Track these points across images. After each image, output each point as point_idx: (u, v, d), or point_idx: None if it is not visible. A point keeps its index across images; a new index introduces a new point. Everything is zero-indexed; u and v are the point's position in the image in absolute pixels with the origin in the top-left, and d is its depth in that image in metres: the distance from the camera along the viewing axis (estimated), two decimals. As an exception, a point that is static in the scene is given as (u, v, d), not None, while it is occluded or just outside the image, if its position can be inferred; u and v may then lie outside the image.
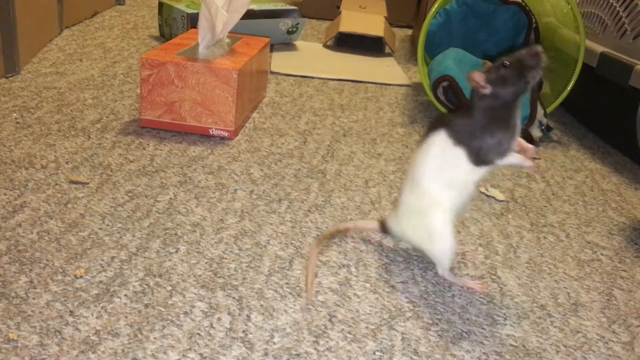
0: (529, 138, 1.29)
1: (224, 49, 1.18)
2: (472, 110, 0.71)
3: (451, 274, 0.76)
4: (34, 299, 0.63)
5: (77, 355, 0.57)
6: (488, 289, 0.75)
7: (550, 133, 1.33)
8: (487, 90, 0.69)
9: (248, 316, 0.65)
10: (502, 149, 0.70)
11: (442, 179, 0.72)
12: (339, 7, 2.16)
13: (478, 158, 0.71)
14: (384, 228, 0.80)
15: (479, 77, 0.70)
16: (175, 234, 0.79)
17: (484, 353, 0.64)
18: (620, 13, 1.32)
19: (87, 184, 0.88)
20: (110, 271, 0.69)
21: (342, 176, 1.02)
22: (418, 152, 0.75)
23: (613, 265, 0.86)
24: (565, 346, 0.67)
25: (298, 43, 1.92)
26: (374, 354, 0.62)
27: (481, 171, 0.72)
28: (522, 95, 0.70)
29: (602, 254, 0.88)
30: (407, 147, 1.19)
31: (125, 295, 0.66)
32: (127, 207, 0.84)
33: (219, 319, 0.64)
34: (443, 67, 1.36)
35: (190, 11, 1.65)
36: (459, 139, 0.71)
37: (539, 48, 0.68)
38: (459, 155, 0.71)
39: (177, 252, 0.75)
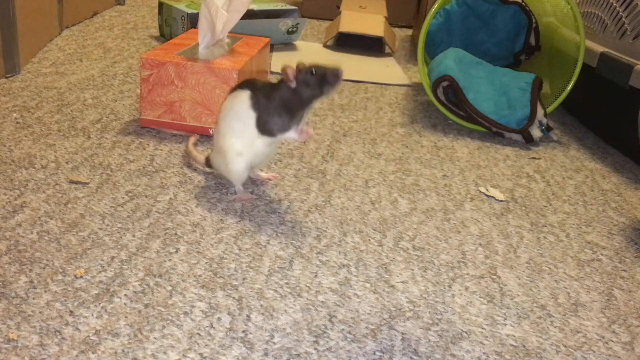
0: (529, 138, 1.29)
1: (224, 49, 1.18)
2: (276, 91, 0.84)
3: (240, 188, 0.90)
4: (34, 299, 0.63)
5: (77, 355, 0.57)
6: (254, 197, 0.90)
7: (550, 133, 1.33)
8: (292, 84, 0.82)
9: (248, 316, 0.65)
10: (283, 128, 0.85)
11: (235, 128, 0.86)
12: (339, 7, 2.16)
13: (263, 128, 0.85)
14: (208, 163, 0.94)
15: (290, 72, 0.82)
16: (175, 234, 0.79)
17: (484, 353, 0.64)
18: (620, 13, 1.32)
19: (87, 184, 0.88)
20: (110, 271, 0.69)
21: (342, 176, 1.02)
22: (227, 100, 0.88)
23: (613, 265, 0.86)
24: (565, 346, 0.67)
25: (298, 43, 1.92)
26: (374, 354, 0.62)
27: (265, 139, 0.86)
28: (315, 99, 0.83)
29: (602, 254, 0.88)
30: (407, 147, 1.19)
31: (125, 295, 0.66)
32: (127, 207, 0.84)
33: (219, 319, 0.64)
34: (443, 67, 1.36)
35: (190, 11, 1.65)
36: (256, 106, 0.85)
37: (341, 72, 0.82)
38: (250, 117, 0.85)
39: (177, 252, 0.75)
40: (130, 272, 0.70)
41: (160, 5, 1.77)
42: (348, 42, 1.95)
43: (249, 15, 1.59)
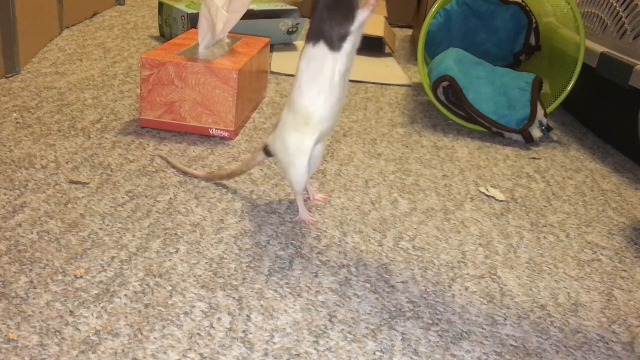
0: (529, 138, 1.29)
1: (224, 49, 1.18)
2: (317, 1, 0.77)
3: (302, 201, 0.86)
4: (34, 299, 0.63)
5: (77, 355, 0.57)
6: (316, 221, 0.86)
7: (550, 133, 1.33)
8: None
9: (248, 316, 0.65)
10: (349, 17, 0.76)
11: (312, 87, 0.79)
12: (339, 7, 2.16)
13: (335, 38, 0.77)
14: (267, 152, 0.87)
15: None
16: (175, 234, 0.79)
17: (484, 353, 0.64)
18: (620, 13, 1.32)
19: (87, 184, 0.88)
20: (110, 271, 0.69)
21: (342, 176, 1.02)
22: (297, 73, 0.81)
23: (613, 265, 0.86)
24: (565, 346, 0.67)
25: (298, 43, 1.92)
26: (374, 354, 0.62)
27: (343, 54, 0.77)
28: None
29: (602, 254, 0.88)
30: (407, 147, 1.19)
31: (125, 295, 0.66)
32: (127, 207, 0.84)
33: (219, 319, 0.64)
34: (443, 67, 1.36)
35: (190, 11, 1.65)
36: (316, 37, 0.77)
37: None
38: (321, 52, 0.77)
39: (177, 252, 0.75)
40: (130, 272, 0.70)
41: (160, 5, 1.77)
42: (348, 42, 1.95)
43: (249, 15, 1.59)
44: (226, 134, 1.10)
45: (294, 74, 0.82)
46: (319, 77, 0.79)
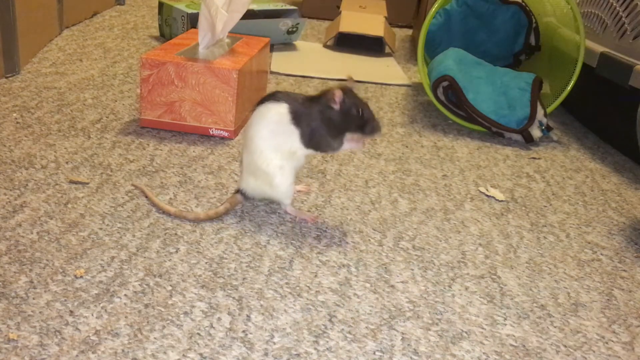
0: (529, 138, 1.29)
1: (224, 49, 1.18)
2: (318, 105, 0.80)
3: (292, 207, 0.87)
4: (34, 299, 0.63)
5: (77, 355, 0.57)
6: (319, 219, 0.86)
7: (550, 133, 1.33)
8: (336, 107, 0.79)
9: (248, 316, 0.65)
10: (333, 147, 0.82)
11: (273, 143, 0.81)
12: (339, 7, 2.16)
13: (309, 143, 0.81)
14: (243, 194, 0.86)
15: (339, 96, 0.78)
16: (175, 234, 0.79)
17: (484, 353, 0.64)
18: (620, 13, 1.32)
19: (87, 184, 0.88)
20: (110, 271, 0.69)
21: (342, 176, 1.02)
22: (256, 114, 0.83)
23: (613, 265, 0.86)
24: (565, 346, 0.67)
25: (298, 43, 1.92)
26: (374, 354, 0.62)
27: (308, 151, 0.83)
28: (351, 132, 0.81)
29: (602, 254, 0.88)
30: (407, 147, 1.19)
31: (125, 295, 0.66)
32: (127, 207, 0.84)
33: (219, 319, 0.64)
34: (443, 67, 1.36)
35: (190, 11, 1.65)
36: (297, 120, 0.80)
37: (380, 131, 0.82)
38: (292, 132, 0.81)
39: (177, 252, 0.75)
40: (130, 272, 0.70)
41: (160, 5, 1.77)
42: (348, 42, 1.95)
43: (249, 15, 1.59)
44: (226, 134, 1.10)
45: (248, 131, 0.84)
46: (282, 153, 0.82)
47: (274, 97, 0.83)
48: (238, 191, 0.86)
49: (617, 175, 1.19)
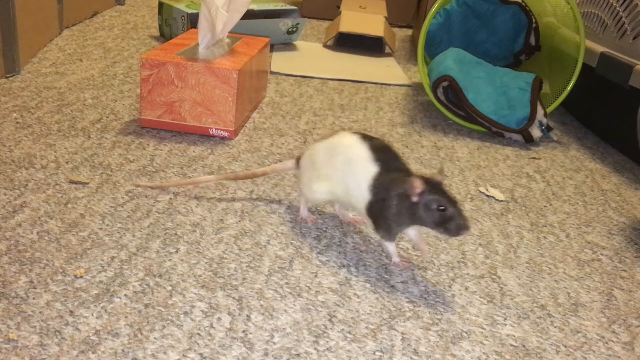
0: (529, 138, 1.29)
1: (224, 49, 1.18)
2: (398, 189, 0.73)
3: (305, 209, 0.86)
4: (34, 299, 0.63)
5: (77, 355, 0.57)
6: (316, 222, 0.85)
7: (550, 133, 1.33)
8: (414, 199, 0.72)
9: (248, 316, 0.65)
10: (389, 236, 0.77)
11: (339, 175, 0.78)
12: (339, 7, 2.16)
13: (369, 215, 0.76)
14: (299, 164, 0.86)
15: (419, 186, 0.71)
16: (175, 234, 0.79)
17: (484, 353, 0.64)
18: (620, 13, 1.32)
19: (87, 184, 0.88)
20: (110, 271, 0.69)
21: (342, 176, 1.02)
22: (357, 142, 0.78)
23: (613, 265, 0.86)
24: (565, 346, 0.67)
25: (298, 43, 1.92)
26: (374, 354, 0.62)
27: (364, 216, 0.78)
28: (426, 228, 0.74)
29: (602, 254, 0.88)
30: (407, 147, 1.19)
31: (125, 295, 0.66)
32: (127, 207, 0.84)
33: (219, 319, 0.64)
34: (443, 67, 1.36)
35: (190, 11, 1.65)
36: (375, 190, 0.75)
37: (468, 230, 0.71)
38: (364, 196, 0.76)
39: (177, 252, 0.75)
40: (130, 272, 0.70)
41: (160, 5, 1.77)
42: (348, 42, 1.95)
43: (249, 15, 1.59)
44: (226, 134, 1.10)
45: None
46: (339, 188, 0.79)
47: (374, 152, 0.77)
48: (297, 159, 0.86)
49: (617, 175, 1.19)
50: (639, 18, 1.25)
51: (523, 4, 1.60)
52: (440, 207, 0.71)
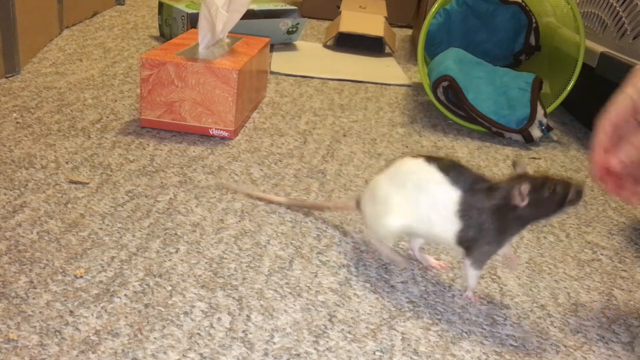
0: (529, 138, 1.29)
1: (224, 49, 1.18)
2: (495, 206, 0.66)
3: (382, 245, 0.77)
4: (34, 299, 0.63)
5: (77, 355, 0.57)
6: (405, 265, 0.77)
7: (550, 133, 1.33)
8: (522, 204, 0.65)
9: (248, 316, 0.65)
10: (482, 264, 0.70)
11: (414, 210, 0.70)
12: (339, 7, 2.16)
13: (462, 243, 0.68)
14: (359, 205, 0.79)
15: (526, 188, 0.64)
16: (175, 234, 0.79)
17: (484, 353, 0.64)
18: (620, 13, 1.32)
19: (87, 184, 0.88)
20: (110, 271, 0.69)
21: (342, 176, 1.02)
22: (420, 168, 0.70)
23: (613, 265, 0.86)
24: (565, 346, 0.67)
25: (298, 43, 1.92)
26: (374, 354, 0.62)
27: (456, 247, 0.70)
28: (541, 221, 0.68)
29: (602, 254, 0.88)
30: (407, 147, 1.19)
31: (125, 295, 0.66)
32: (127, 207, 0.84)
33: (219, 319, 0.64)
34: (443, 67, 1.36)
35: (190, 11, 1.65)
36: (464, 215, 0.67)
37: (584, 189, 0.65)
38: (448, 222, 0.68)
39: (177, 252, 0.75)
40: (130, 272, 0.70)
41: (160, 5, 1.77)
42: (348, 42, 1.95)
43: (249, 15, 1.59)
44: (226, 134, 1.10)
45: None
46: (420, 226, 0.71)
47: (446, 167, 0.69)
48: (357, 201, 0.80)
49: (617, 175, 1.19)
50: (639, 18, 1.25)
51: (523, 4, 1.60)
52: (553, 191, 0.64)
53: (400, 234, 0.75)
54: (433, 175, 0.69)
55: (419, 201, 0.69)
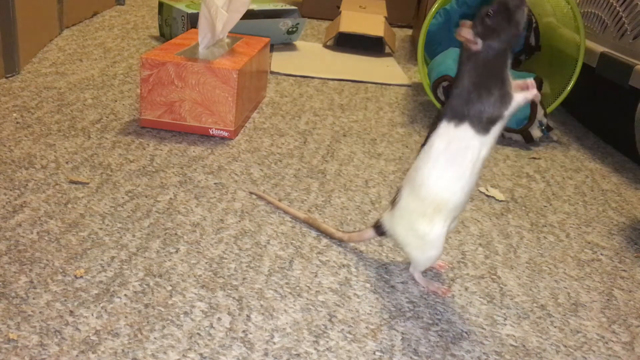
0: (529, 138, 1.29)
1: (224, 49, 1.18)
2: (460, 76, 0.66)
3: (421, 275, 0.75)
4: (34, 299, 0.63)
5: (77, 355, 0.57)
6: (451, 293, 0.74)
7: (550, 133, 1.33)
8: (479, 45, 0.64)
9: (248, 316, 0.65)
10: (505, 101, 0.66)
11: (449, 172, 0.68)
12: (339, 7, 2.16)
13: (484, 121, 0.66)
14: (379, 231, 0.76)
15: (467, 31, 0.63)
16: (175, 234, 0.79)
17: (484, 353, 0.64)
18: (620, 13, 1.32)
19: (87, 184, 0.88)
20: (110, 271, 0.69)
21: (342, 176, 1.02)
22: (421, 154, 0.71)
23: (613, 265, 0.86)
24: (565, 346, 0.67)
25: (298, 43, 1.92)
26: (374, 354, 0.62)
27: (491, 137, 0.67)
28: (515, 41, 0.66)
29: (602, 254, 0.88)
30: (407, 147, 1.19)
31: (125, 295, 0.66)
32: (127, 207, 0.84)
33: (219, 319, 0.64)
34: (443, 67, 1.36)
35: (190, 11, 1.65)
36: (459, 116, 0.67)
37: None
38: (466, 134, 0.67)
39: (177, 252, 0.75)
40: (130, 272, 0.70)
41: (160, 5, 1.77)
42: (348, 42, 1.95)
43: (249, 15, 1.59)
44: (226, 134, 1.10)
45: (424, 151, 0.70)
46: (460, 161, 0.68)
47: (431, 126, 0.70)
48: (375, 227, 0.76)
49: (617, 175, 1.19)
50: (639, 18, 1.25)
51: (523, 4, 1.59)
52: (491, 13, 0.63)
53: (444, 240, 0.73)
54: (429, 145, 0.69)
55: (446, 162, 0.68)
